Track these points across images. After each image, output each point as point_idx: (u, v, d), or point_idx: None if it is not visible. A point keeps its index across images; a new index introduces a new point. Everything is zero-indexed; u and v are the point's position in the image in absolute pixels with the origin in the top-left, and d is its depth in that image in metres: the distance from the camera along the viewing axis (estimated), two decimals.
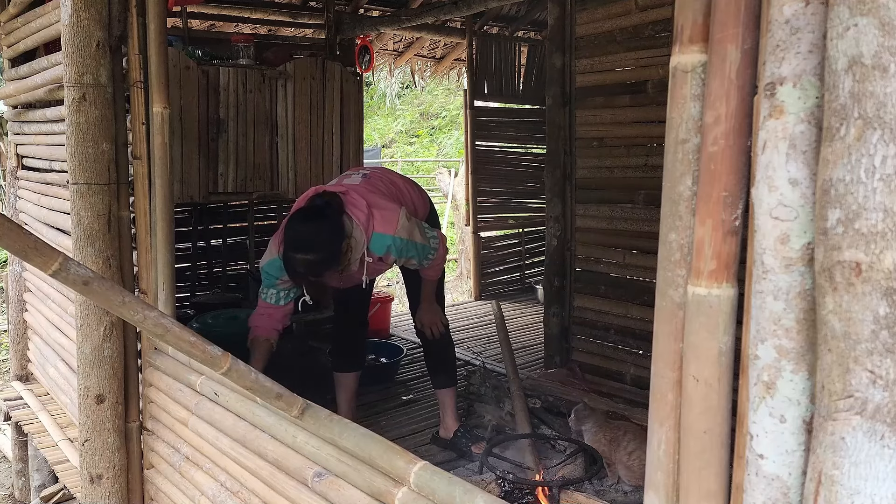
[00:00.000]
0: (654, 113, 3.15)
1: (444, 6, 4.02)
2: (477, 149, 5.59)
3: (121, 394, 2.39)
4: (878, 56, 0.71)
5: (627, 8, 3.21)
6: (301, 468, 1.74)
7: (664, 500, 1.00)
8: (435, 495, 1.40)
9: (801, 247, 0.81)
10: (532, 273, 6.11)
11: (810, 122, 0.80)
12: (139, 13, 2.25)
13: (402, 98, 17.35)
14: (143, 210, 2.36)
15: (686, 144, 0.93)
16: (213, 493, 2.08)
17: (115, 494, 2.40)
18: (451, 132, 16.23)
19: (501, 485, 2.24)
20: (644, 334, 3.17)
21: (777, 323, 0.83)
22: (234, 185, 3.72)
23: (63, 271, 1.33)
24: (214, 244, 4.40)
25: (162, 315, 1.51)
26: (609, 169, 3.40)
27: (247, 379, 1.63)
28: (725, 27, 0.87)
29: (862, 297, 0.72)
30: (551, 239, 3.65)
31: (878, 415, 0.73)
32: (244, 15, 4.54)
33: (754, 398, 0.86)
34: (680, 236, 0.94)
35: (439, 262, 2.71)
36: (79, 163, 2.24)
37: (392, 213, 2.52)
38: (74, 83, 2.20)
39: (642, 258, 3.25)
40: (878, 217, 0.71)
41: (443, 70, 6.46)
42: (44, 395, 3.48)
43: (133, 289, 2.41)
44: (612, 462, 2.41)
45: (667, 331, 0.98)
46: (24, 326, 3.74)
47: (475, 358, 3.99)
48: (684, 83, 0.93)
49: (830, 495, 0.76)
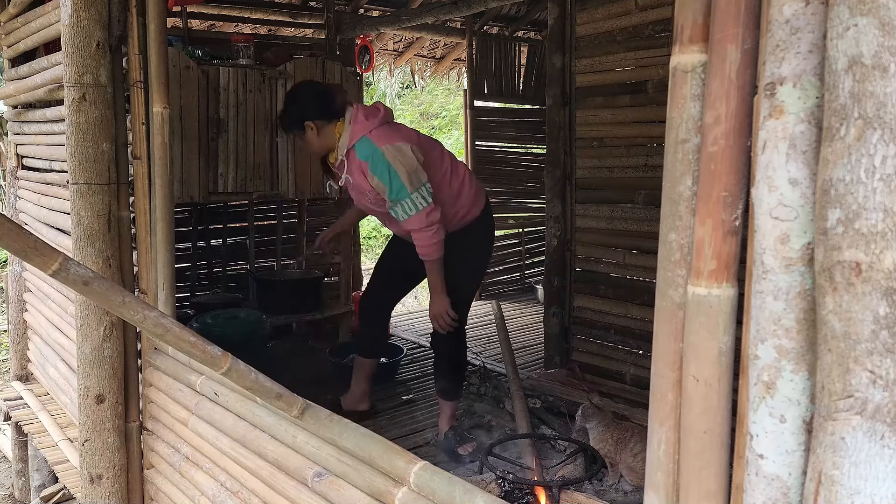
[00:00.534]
0: (654, 113, 3.15)
1: (444, 6, 4.02)
2: (477, 149, 5.59)
3: (121, 394, 2.39)
4: (878, 56, 0.71)
5: (627, 8, 3.21)
6: (301, 468, 1.74)
7: (664, 500, 1.00)
8: (435, 495, 1.40)
9: (801, 247, 0.81)
10: (532, 273, 6.11)
11: (810, 122, 0.80)
12: (139, 13, 2.25)
13: (402, 98, 17.34)
14: (143, 210, 2.36)
15: (686, 144, 0.93)
16: (213, 493, 2.08)
17: (114, 494, 2.40)
18: (451, 132, 16.23)
19: (501, 485, 2.24)
20: (644, 334, 3.17)
21: (777, 323, 0.83)
22: (234, 185, 3.72)
23: (63, 271, 1.33)
24: (214, 244, 4.40)
25: (162, 315, 1.51)
26: (609, 169, 3.40)
27: (247, 379, 1.63)
28: (725, 27, 0.87)
29: (862, 297, 0.72)
30: (551, 239, 3.65)
31: (878, 415, 0.73)
32: (244, 15, 4.54)
33: (754, 398, 0.86)
34: (680, 236, 0.94)
35: (421, 236, 2.52)
36: (79, 163, 2.24)
37: (395, 135, 2.54)
38: (74, 83, 2.20)
39: (642, 258, 3.25)
40: (878, 217, 0.71)
41: (443, 70, 6.45)
42: (44, 395, 3.48)
43: (133, 289, 2.41)
44: (616, 462, 2.41)
45: (667, 331, 0.98)
46: (24, 326, 3.74)
47: (475, 358, 3.99)
48: (684, 83, 0.93)
49: (830, 495, 0.76)
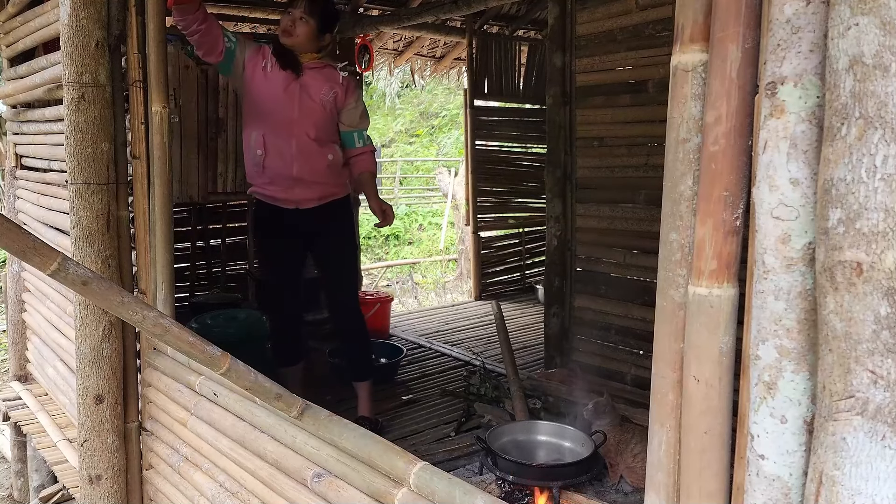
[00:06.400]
0: (654, 112, 3.14)
1: (443, 5, 4.02)
2: (477, 148, 5.58)
3: (120, 394, 2.38)
4: (880, 55, 0.70)
5: (628, 7, 3.20)
6: (300, 469, 1.74)
7: (665, 500, 1.00)
8: (435, 496, 1.40)
9: (802, 246, 0.81)
10: (532, 273, 6.11)
11: (811, 121, 0.80)
12: (138, 12, 2.25)
13: (401, 97, 17.36)
14: (142, 210, 2.35)
15: (687, 144, 0.93)
16: (213, 494, 2.07)
17: (114, 495, 2.40)
18: (451, 131, 16.25)
19: (501, 485, 2.24)
20: (645, 334, 3.16)
21: (778, 323, 0.83)
22: (233, 184, 3.72)
23: (62, 271, 1.32)
24: (213, 244, 4.40)
25: (161, 315, 1.50)
26: (609, 168, 3.40)
27: (246, 379, 1.63)
28: (726, 26, 0.86)
29: (863, 297, 0.72)
30: (551, 239, 3.65)
31: (880, 415, 0.73)
32: (243, 14, 4.54)
33: (755, 398, 0.85)
34: (681, 236, 0.94)
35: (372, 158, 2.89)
36: (78, 162, 2.23)
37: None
38: (73, 82, 2.20)
39: (643, 258, 3.25)
40: (880, 217, 0.71)
41: (443, 69, 6.45)
42: (43, 395, 3.47)
43: (132, 289, 2.41)
44: (616, 463, 2.41)
45: (667, 331, 0.97)
46: (22, 326, 3.74)
47: (475, 358, 3.99)
48: (685, 82, 0.93)
49: (831, 496, 0.76)
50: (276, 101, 2.66)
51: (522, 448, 2.44)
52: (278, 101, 2.66)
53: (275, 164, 2.67)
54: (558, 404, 3.01)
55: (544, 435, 2.52)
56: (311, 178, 2.71)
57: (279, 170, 2.68)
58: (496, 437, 2.42)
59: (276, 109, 2.66)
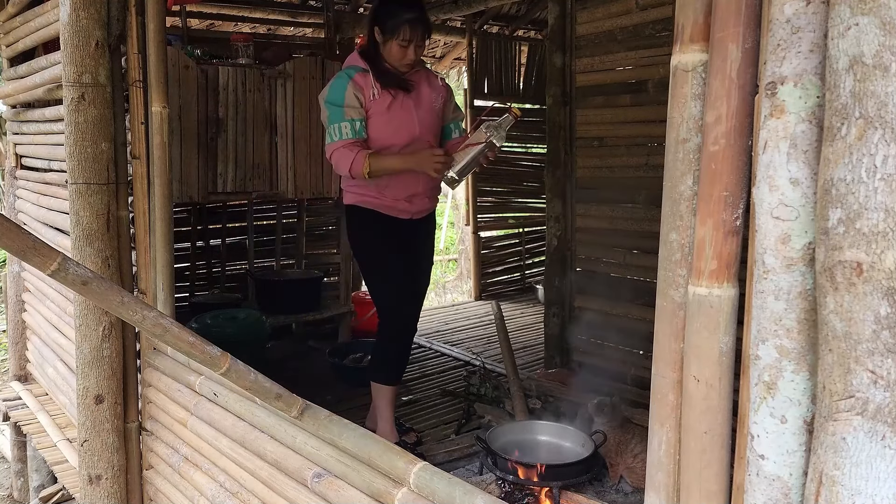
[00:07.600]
0: (654, 112, 3.14)
1: (444, 5, 4.02)
2: None
3: (120, 394, 2.38)
4: (880, 55, 0.70)
5: (628, 7, 3.20)
6: (300, 469, 1.74)
7: (665, 500, 1.00)
8: (435, 496, 1.40)
9: (802, 246, 0.81)
10: (532, 273, 6.10)
11: (811, 121, 0.80)
12: (138, 12, 2.25)
13: None
14: (142, 210, 2.35)
15: (687, 144, 0.93)
16: (213, 494, 2.07)
17: (114, 495, 2.40)
18: None
19: (501, 485, 2.24)
20: (645, 334, 3.15)
21: (778, 323, 0.83)
22: (233, 184, 3.72)
23: (62, 271, 1.32)
24: (213, 244, 4.40)
25: (161, 315, 1.50)
26: (610, 168, 3.39)
27: (246, 379, 1.63)
28: (726, 26, 0.86)
29: (863, 297, 0.72)
30: (551, 239, 3.65)
31: (880, 415, 0.73)
32: (243, 14, 4.54)
33: (755, 398, 0.85)
34: (681, 236, 0.94)
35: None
36: (78, 162, 2.23)
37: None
38: (73, 82, 2.20)
39: (643, 258, 3.25)
40: (880, 217, 0.71)
41: (443, 69, 6.45)
42: (42, 395, 3.47)
43: (132, 289, 2.41)
44: (616, 463, 2.41)
45: (668, 331, 0.97)
46: (22, 326, 3.74)
47: (475, 358, 3.99)
48: (685, 82, 0.93)
49: (831, 496, 0.76)
50: (399, 122, 2.61)
51: (522, 448, 2.44)
52: (400, 121, 2.61)
53: (405, 179, 2.63)
54: (558, 404, 3.01)
55: (544, 435, 2.52)
56: (429, 191, 2.73)
57: (407, 184, 2.64)
58: (496, 437, 2.41)
59: (402, 129, 2.61)
